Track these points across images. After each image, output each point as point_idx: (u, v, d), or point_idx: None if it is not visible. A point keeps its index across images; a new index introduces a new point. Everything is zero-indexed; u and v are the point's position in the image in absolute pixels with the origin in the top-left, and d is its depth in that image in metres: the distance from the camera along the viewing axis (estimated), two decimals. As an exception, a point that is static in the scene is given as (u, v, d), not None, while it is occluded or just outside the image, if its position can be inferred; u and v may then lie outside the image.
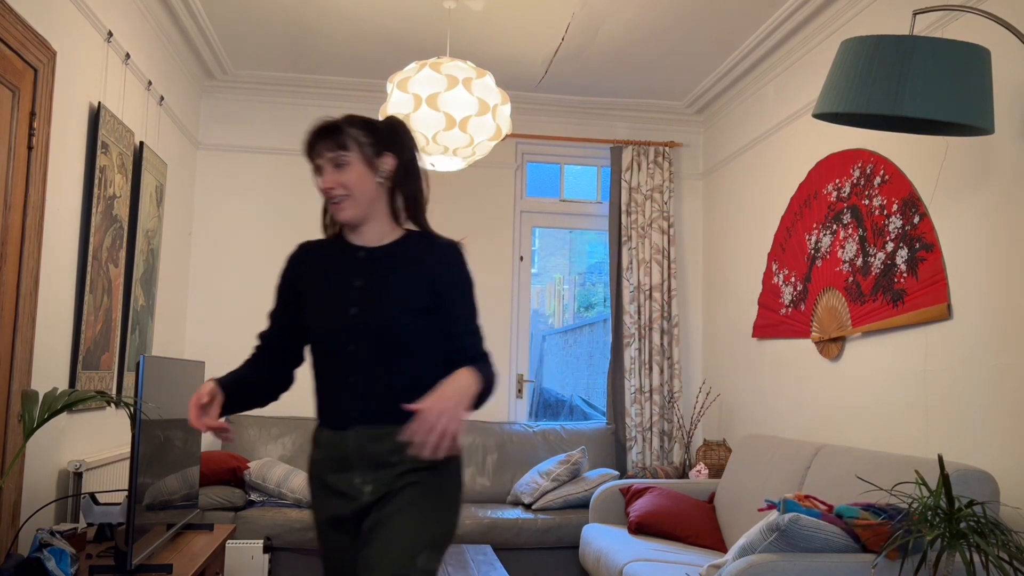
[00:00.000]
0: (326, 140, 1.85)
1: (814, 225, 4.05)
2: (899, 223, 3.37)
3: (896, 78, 2.35)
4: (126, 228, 3.82)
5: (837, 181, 3.86)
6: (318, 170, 1.88)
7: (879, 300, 3.46)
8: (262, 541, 3.94)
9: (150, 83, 4.09)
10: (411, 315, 1.84)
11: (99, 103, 3.40)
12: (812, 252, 4.05)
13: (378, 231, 1.91)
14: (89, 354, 3.39)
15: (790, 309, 4.25)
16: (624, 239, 5.39)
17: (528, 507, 4.65)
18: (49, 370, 3.04)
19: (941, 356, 3.12)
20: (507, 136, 3.98)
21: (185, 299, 5.12)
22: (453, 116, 3.56)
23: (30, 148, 2.79)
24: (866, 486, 2.80)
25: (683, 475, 4.93)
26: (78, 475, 3.17)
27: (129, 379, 3.90)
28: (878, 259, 3.49)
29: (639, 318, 5.31)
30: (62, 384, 3.16)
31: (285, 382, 2.00)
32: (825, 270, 3.91)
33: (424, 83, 3.56)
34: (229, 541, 3.85)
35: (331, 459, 1.87)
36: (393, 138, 1.90)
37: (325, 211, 1.95)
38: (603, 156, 5.58)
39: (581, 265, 9.34)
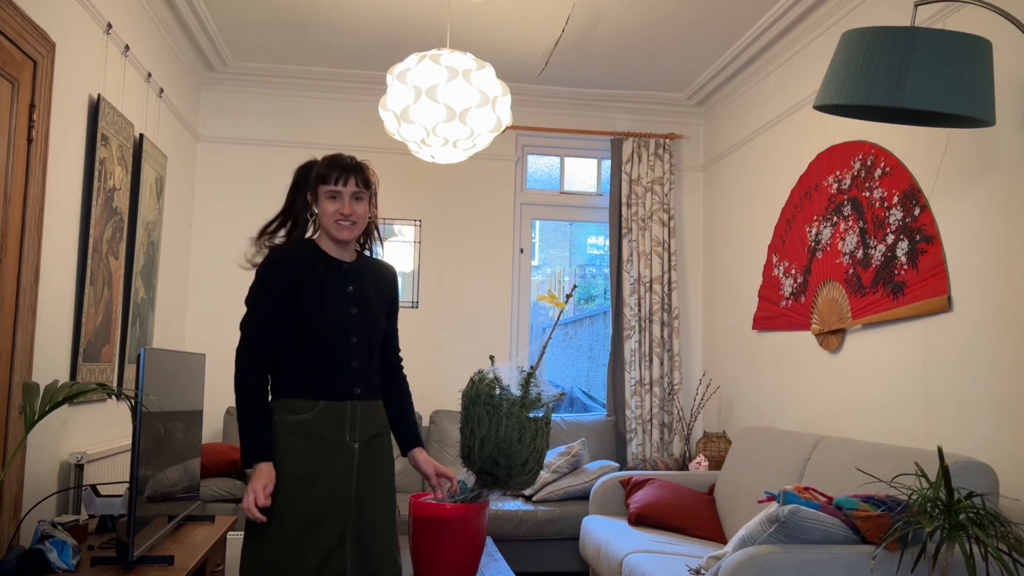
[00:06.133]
0: (354, 175, 2.29)
1: (815, 217, 4.04)
2: (899, 215, 3.36)
3: (897, 70, 2.34)
4: (126, 220, 3.82)
5: (838, 173, 3.86)
6: (335, 195, 2.28)
7: (879, 292, 3.46)
8: (263, 533, 3.95)
9: (150, 75, 4.08)
10: (384, 317, 2.40)
11: (99, 95, 3.40)
12: (812, 244, 4.05)
13: (350, 250, 2.39)
14: (90, 346, 3.39)
15: (790, 301, 4.25)
16: (624, 231, 5.38)
17: (528, 499, 4.66)
18: (50, 362, 3.04)
19: (941, 348, 3.12)
20: (507, 128, 3.98)
21: (185, 291, 5.12)
22: (453, 108, 3.56)
23: (30, 140, 2.78)
24: (866, 478, 2.80)
25: (683, 467, 4.94)
26: (79, 467, 3.18)
27: (130, 371, 3.90)
28: (878, 251, 3.49)
29: (639, 310, 5.31)
30: (63, 376, 3.16)
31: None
32: (825, 262, 3.91)
33: (424, 75, 3.55)
34: (230, 533, 3.86)
35: (328, 421, 2.24)
36: (375, 188, 2.40)
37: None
38: (603, 148, 5.58)
39: (581, 257, 9.35)
